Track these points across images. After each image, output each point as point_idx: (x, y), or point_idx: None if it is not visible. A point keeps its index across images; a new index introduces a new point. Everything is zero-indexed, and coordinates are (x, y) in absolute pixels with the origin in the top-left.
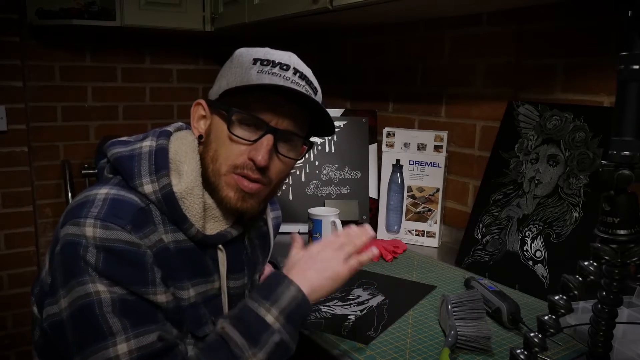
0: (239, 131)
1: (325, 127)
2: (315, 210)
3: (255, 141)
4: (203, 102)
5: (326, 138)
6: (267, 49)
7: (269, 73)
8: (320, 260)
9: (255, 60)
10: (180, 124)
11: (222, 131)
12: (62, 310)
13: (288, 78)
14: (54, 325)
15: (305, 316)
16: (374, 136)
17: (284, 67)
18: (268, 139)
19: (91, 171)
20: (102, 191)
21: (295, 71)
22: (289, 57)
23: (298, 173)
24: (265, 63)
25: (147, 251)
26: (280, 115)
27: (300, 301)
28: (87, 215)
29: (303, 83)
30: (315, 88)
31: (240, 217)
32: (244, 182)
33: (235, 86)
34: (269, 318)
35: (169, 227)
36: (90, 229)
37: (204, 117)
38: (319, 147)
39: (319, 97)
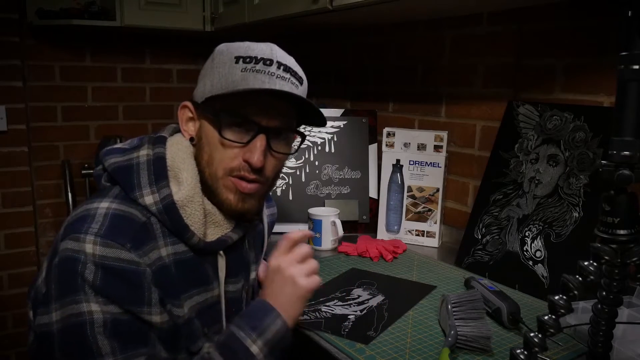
0: (230, 134)
1: (316, 117)
2: (315, 210)
3: (247, 142)
4: (189, 104)
5: (326, 138)
6: (247, 44)
7: (252, 71)
8: (290, 283)
9: (237, 59)
10: (174, 126)
11: (212, 136)
12: (52, 322)
13: (272, 74)
14: (43, 334)
15: (286, 346)
16: (374, 136)
17: (267, 62)
18: (261, 139)
19: (91, 171)
20: (103, 205)
21: (279, 65)
22: (271, 50)
23: (298, 173)
24: (247, 60)
25: (146, 270)
26: (269, 114)
27: (284, 334)
28: (88, 231)
29: (288, 76)
30: (300, 78)
31: (241, 218)
32: (241, 184)
33: (220, 92)
34: (254, 349)
35: (169, 240)
36: (90, 246)
37: (192, 119)
38: (319, 147)
39: (304, 86)
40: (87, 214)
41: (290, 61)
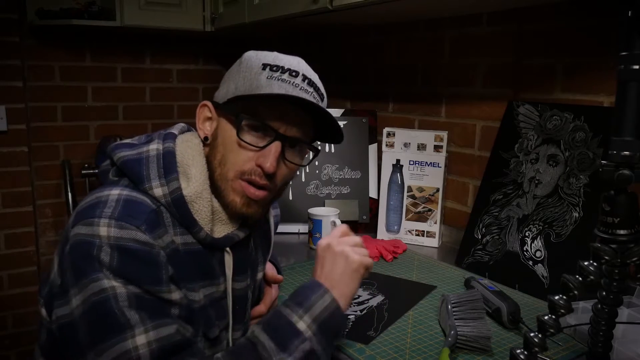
0: (248, 137)
1: (333, 134)
2: (315, 210)
3: (263, 147)
4: (209, 103)
5: None
6: (275, 54)
7: (278, 79)
8: (342, 257)
9: (264, 66)
10: (182, 125)
11: (230, 136)
12: (73, 309)
13: (297, 85)
14: (64, 326)
15: (340, 327)
16: (374, 136)
17: (293, 74)
18: (276, 146)
19: (91, 171)
20: (114, 192)
21: (304, 78)
22: (298, 63)
23: (298, 173)
24: (274, 69)
25: (160, 251)
26: (288, 122)
27: (334, 310)
28: (101, 215)
29: (311, 90)
30: (322, 94)
31: (244, 221)
32: (250, 189)
33: (244, 94)
34: (301, 325)
35: (178, 230)
36: (105, 229)
37: (209, 119)
38: (319, 148)
39: (325, 103)
40: (98, 201)
41: (315, 77)
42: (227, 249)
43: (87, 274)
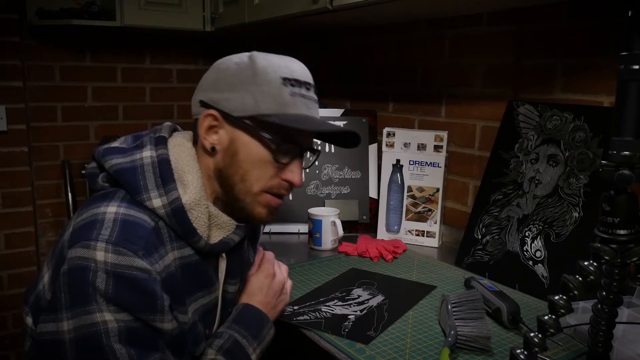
0: (282, 158)
1: (344, 139)
2: (315, 210)
3: (289, 163)
4: (216, 113)
5: None
6: (285, 62)
7: (299, 96)
8: (277, 291)
9: (284, 80)
10: (169, 124)
11: (256, 153)
12: (64, 332)
13: (311, 98)
14: (51, 342)
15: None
16: (374, 136)
17: (307, 87)
18: (300, 160)
19: None
20: (111, 209)
21: (313, 87)
22: (305, 71)
23: None
24: (294, 83)
25: (157, 277)
26: (310, 137)
27: (272, 338)
28: (98, 237)
29: (316, 97)
30: (317, 93)
31: (249, 223)
32: (276, 200)
33: (274, 113)
34: (254, 357)
35: (175, 244)
36: (102, 254)
37: (214, 128)
38: (319, 147)
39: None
40: (95, 219)
41: (311, 77)
42: (223, 254)
43: (81, 302)
